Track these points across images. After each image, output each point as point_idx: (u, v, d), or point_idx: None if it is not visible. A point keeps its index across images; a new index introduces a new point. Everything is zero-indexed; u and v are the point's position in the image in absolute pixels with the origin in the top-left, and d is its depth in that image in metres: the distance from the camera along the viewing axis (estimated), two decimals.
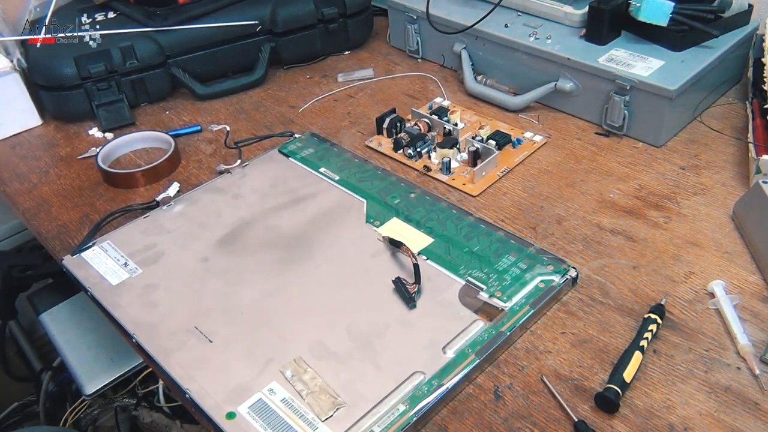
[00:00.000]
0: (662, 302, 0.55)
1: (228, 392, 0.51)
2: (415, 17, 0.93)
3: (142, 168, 0.76)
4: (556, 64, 0.79)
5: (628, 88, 0.73)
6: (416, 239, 0.63)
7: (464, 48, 0.89)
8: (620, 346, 0.53)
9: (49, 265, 0.91)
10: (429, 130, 0.79)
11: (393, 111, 0.80)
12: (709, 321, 0.55)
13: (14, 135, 0.88)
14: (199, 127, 0.86)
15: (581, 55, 0.77)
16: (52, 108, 0.89)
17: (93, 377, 0.86)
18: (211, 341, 0.55)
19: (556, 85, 0.79)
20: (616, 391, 0.48)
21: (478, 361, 0.51)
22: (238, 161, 0.78)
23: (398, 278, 0.58)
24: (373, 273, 0.60)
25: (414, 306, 0.56)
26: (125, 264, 0.63)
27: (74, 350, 0.88)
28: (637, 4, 0.74)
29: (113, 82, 0.87)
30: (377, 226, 0.65)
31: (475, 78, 0.87)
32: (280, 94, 0.92)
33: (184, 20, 0.89)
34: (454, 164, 0.74)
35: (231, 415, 0.49)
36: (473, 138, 0.75)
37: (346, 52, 1.01)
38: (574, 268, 0.59)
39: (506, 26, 0.84)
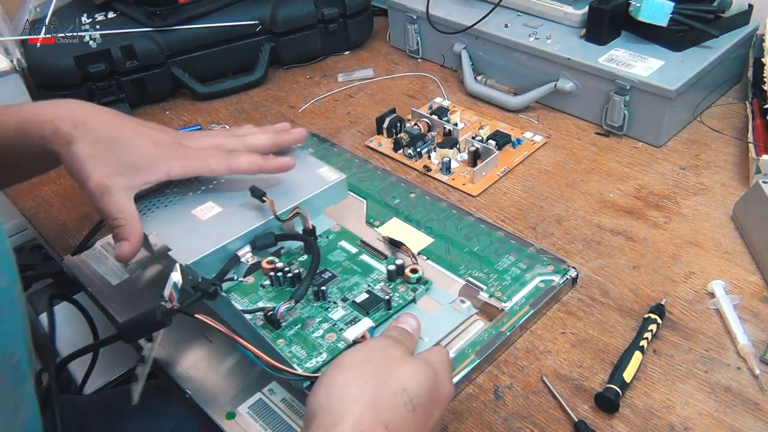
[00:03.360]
0: (662, 302, 0.55)
1: (228, 392, 0.51)
2: (415, 17, 0.93)
3: None
4: (556, 64, 0.79)
5: (628, 88, 0.73)
6: (416, 239, 0.63)
7: (464, 48, 0.89)
8: (620, 346, 0.53)
9: (49, 265, 0.91)
10: (429, 130, 0.79)
11: (393, 111, 0.80)
12: (709, 321, 0.55)
13: None
14: (199, 127, 0.86)
15: (581, 55, 0.77)
16: None
17: (93, 377, 0.85)
18: (211, 341, 0.55)
19: (556, 85, 0.79)
20: (616, 391, 0.48)
21: (478, 361, 0.51)
22: None
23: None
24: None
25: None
26: (125, 264, 0.63)
27: (74, 350, 0.88)
28: (637, 4, 0.74)
29: (113, 82, 0.87)
30: (377, 226, 0.65)
31: (475, 78, 0.87)
32: (280, 94, 0.92)
33: (184, 20, 0.89)
34: (454, 164, 0.73)
35: (231, 415, 0.49)
36: (473, 138, 0.75)
37: (346, 52, 1.01)
38: (574, 268, 0.59)
39: (506, 26, 0.84)
